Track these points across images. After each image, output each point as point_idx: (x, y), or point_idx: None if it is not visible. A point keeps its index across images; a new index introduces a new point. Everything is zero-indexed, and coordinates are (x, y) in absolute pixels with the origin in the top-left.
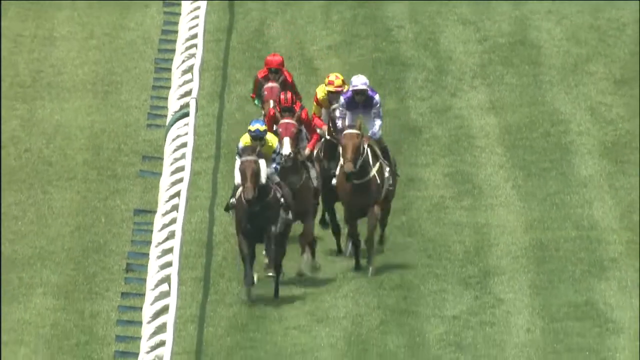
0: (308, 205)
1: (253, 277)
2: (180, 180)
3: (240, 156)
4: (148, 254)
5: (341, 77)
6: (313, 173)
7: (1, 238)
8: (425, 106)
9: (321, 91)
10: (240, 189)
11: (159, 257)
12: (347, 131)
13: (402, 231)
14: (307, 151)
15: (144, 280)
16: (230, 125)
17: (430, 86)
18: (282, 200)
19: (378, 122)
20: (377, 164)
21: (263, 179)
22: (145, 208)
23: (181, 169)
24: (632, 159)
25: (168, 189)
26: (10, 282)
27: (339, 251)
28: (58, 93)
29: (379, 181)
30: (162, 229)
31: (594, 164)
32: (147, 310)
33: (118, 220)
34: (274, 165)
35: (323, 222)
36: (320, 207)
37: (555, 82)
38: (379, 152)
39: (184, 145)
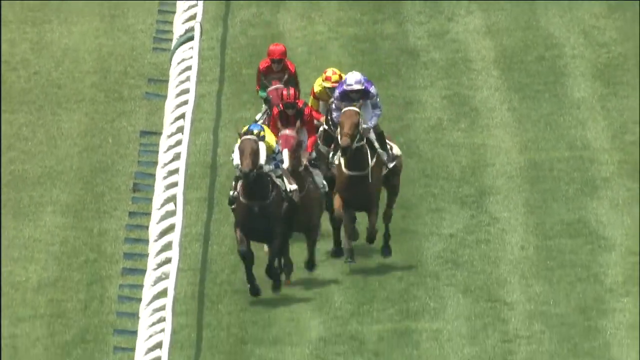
0: (311, 216)
1: (258, 288)
2: (185, 102)
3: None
4: (154, 175)
5: (338, 73)
6: (318, 179)
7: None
8: (423, 30)
9: (318, 85)
10: (240, 181)
11: (164, 177)
12: (346, 109)
13: (401, 152)
14: (306, 155)
15: (151, 199)
16: (234, 49)
17: (428, 11)
18: (284, 193)
19: (377, 112)
20: (375, 157)
21: (262, 160)
22: (151, 130)
23: (186, 91)
24: (624, 81)
25: (173, 111)
26: (21, 200)
27: (336, 246)
28: (66, 17)
29: (372, 179)
30: (167, 150)
31: (587, 86)
32: (154, 229)
33: (125, 141)
34: (273, 164)
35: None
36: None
37: (549, 7)
38: (375, 142)
39: (189, 68)
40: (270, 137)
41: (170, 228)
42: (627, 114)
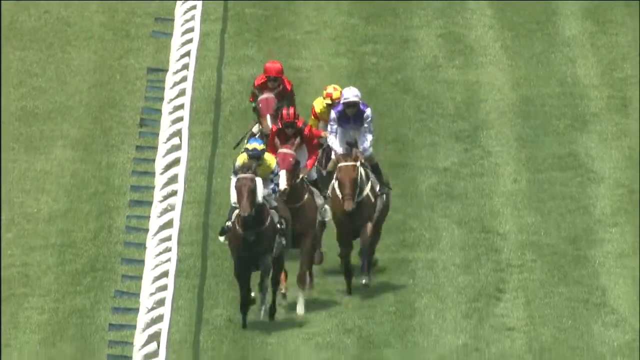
0: (308, 226)
1: (246, 320)
2: (190, 40)
3: (236, 174)
4: (160, 110)
5: (339, 89)
6: (318, 199)
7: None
8: None
9: (319, 104)
10: (236, 211)
11: (170, 112)
12: (342, 164)
13: (398, 88)
14: (306, 171)
15: (157, 134)
16: None
17: None
18: (278, 225)
19: (369, 138)
20: (369, 184)
21: (260, 198)
22: (158, 67)
23: (191, 30)
24: (613, 19)
25: (179, 49)
26: (32, 134)
27: (349, 292)
28: None
29: (372, 199)
30: (173, 86)
31: (577, 24)
32: (160, 162)
33: (132, 78)
34: (271, 187)
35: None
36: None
37: None
38: (370, 172)
39: (194, 7)
40: (269, 157)
41: (176, 161)
42: (615, 52)
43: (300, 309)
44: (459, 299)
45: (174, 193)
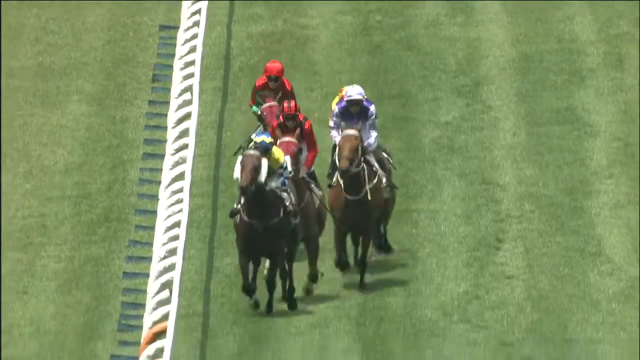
0: (311, 228)
1: (258, 302)
2: None
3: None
4: (172, 66)
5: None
6: (317, 193)
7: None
8: None
9: (336, 104)
10: (242, 197)
11: (182, 68)
12: (345, 132)
13: (402, 45)
14: (304, 169)
15: (169, 89)
16: None
17: None
18: (290, 207)
19: (374, 134)
20: (375, 180)
21: (262, 177)
22: (169, 24)
23: None
24: None
25: (190, 7)
26: (48, 90)
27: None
28: None
29: (371, 199)
30: (184, 43)
31: None
32: (172, 117)
33: (145, 35)
34: (281, 180)
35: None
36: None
37: None
38: (376, 164)
39: None
40: (278, 152)
41: (187, 116)
42: (612, 9)
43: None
44: (460, 248)
45: (185, 146)
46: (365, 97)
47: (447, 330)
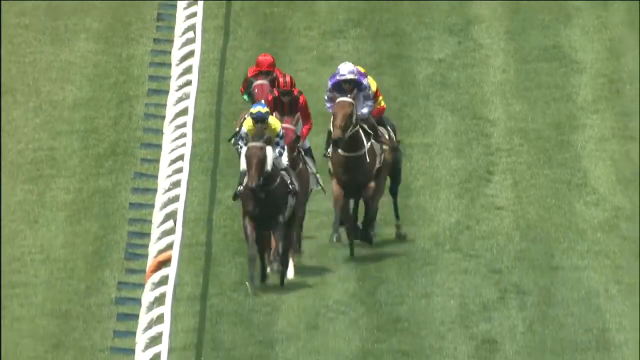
0: (301, 195)
1: (259, 277)
2: None
3: (246, 142)
4: (176, 5)
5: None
6: (313, 168)
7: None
8: None
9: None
10: (246, 176)
11: (185, 8)
12: (339, 99)
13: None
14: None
15: (173, 28)
16: None
17: None
18: (290, 186)
19: (369, 103)
20: (369, 143)
21: (269, 166)
22: None
23: None
24: None
25: None
26: (57, 28)
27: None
28: None
29: (369, 159)
30: None
31: None
32: (176, 54)
33: None
34: (278, 150)
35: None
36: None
37: None
38: (369, 130)
39: None
40: (273, 120)
41: (190, 54)
42: None
43: (290, 274)
44: (452, 181)
45: (188, 83)
46: (359, 69)
47: (439, 258)
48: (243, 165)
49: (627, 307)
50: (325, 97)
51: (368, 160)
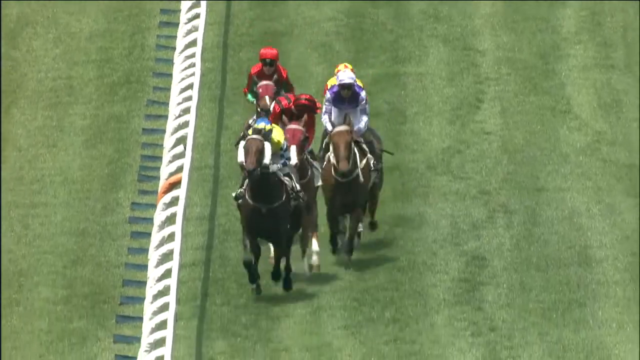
0: (310, 199)
1: (259, 286)
2: None
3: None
4: None
5: (350, 67)
6: (316, 172)
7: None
8: None
9: (332, 83)
10: (247, 181)
11: None
12: (337, 129)
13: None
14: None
15: None
16: None
17: None
18: (292, 193)
19: (365, 119)
20: (364, 161)
21: (267, 159)
22: None
23: None
24: None
25: None
26: None
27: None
28: None
29: (362, 180)
30: None
31: None
32: None
33: None
34: (281, 162)
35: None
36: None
37: None
38: (364, 146)
39: None
40: (278, 134)
41: None
42: None
43: (315, 259)
44: (444, 108)
45: (197, 16)
46: (357, 81)
47: (432, 181)
48: (241, 156)
49: (607, 225)
50: (324, 109)
51: (362, 180)
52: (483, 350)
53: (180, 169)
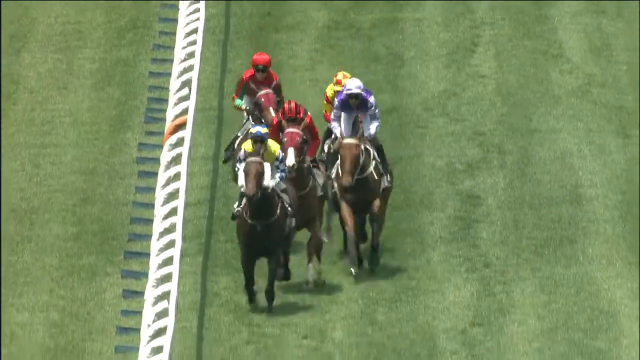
0: (314, 212)
1: (255, 298)
2: None
3: (244, 160)
4: None
5: (349, 76)
6: (320, 179)
7: None
8: None
9: (330, 90)
10: (245, 199)
11: None
12: (345, 141)
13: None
14: (308, 158)
15: None
16: None
17: None
18: (289, 209)
19: (375, 124)
20: (373, 162)
21: (266, 182)
22: None
23: None
24: None
25: None
26: None
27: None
28: None
29: (376, 177)
30: None
31: None
32: None
33: None
34: (278, 175)
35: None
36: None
37: None
38: (374, 152)
39: None
40: (273, 143)
41: None
42: None
43: (313, 274)
44: (440, 52)
45: None
46: (364, 88)
47: (429, 122)
48: (241, 180)
49: (597, 165)
50: (332, 115)
51: (376, 177)
52: (477, 286)
53: (185, 111)
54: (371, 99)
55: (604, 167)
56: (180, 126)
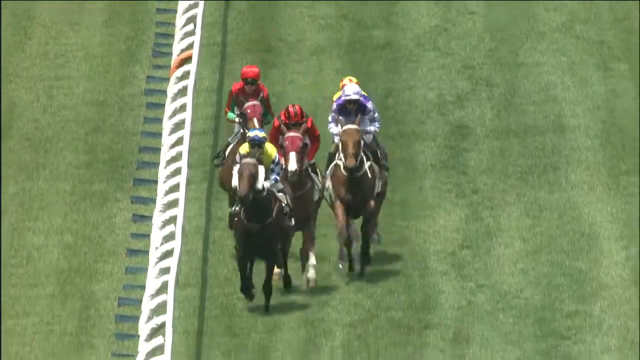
0: (309, 212)
1: (253, 295)
2: None
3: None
4: None
5: (355, 80)
6: (318, 183)
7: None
8: None
9: (337, 96)
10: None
11: None
12: (346, 127)
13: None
14: (306, 161)
15: None
16: None
17: None
18: (287, 209)
19: (374, 127)
20: (369, 162)
21: (260, 185)
22: None
23: None
24: None
25: None
26: None
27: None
28: None
29: (370, 175)
30: None
31: None
32: None
33: None
34: (273, 177)
35: None
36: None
37: None
38: (369, 153)
39: None
40: (269, 147)
41: None
42: None
43: (312, 273)
44: None
45: None
46: (363, 94)
47: (421, 56)
48: (235, 181)
49: (579, 96)
50: (330, 118)
51: (370, 176)
52: (467, 211)
53: (190, 46)
54: (369, 105)
55: (586, 98)
56: (186, 60)
